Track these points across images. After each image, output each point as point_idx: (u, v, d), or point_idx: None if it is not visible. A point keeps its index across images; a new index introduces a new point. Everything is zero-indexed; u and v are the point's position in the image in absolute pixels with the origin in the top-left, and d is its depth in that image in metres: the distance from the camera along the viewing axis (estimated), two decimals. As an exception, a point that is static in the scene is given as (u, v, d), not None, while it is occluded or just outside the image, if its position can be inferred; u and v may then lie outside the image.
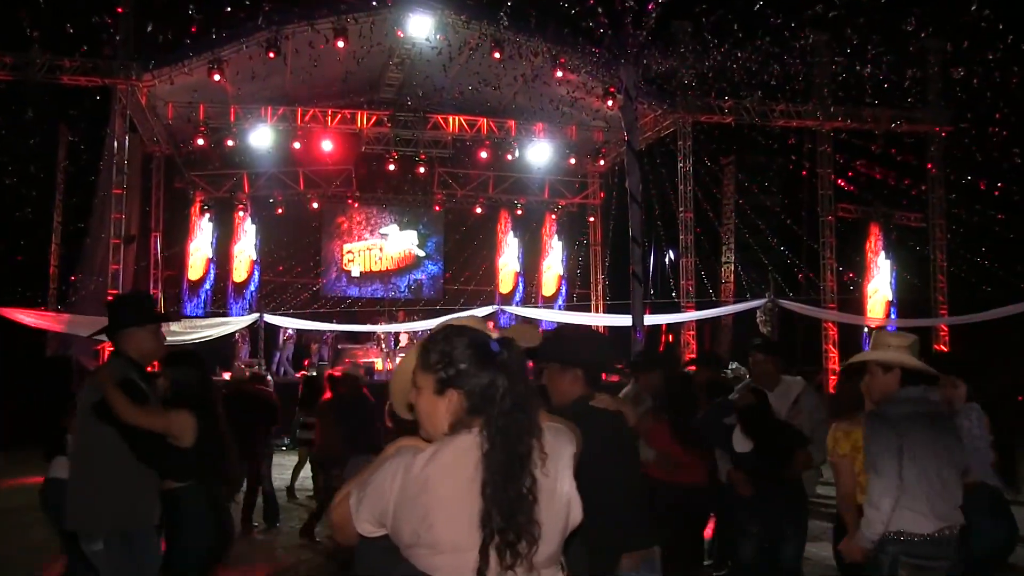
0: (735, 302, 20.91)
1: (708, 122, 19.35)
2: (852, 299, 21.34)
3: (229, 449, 4.51)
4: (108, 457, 3.71)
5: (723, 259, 22.89)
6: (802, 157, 20.23)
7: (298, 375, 17.36)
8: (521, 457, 1.84)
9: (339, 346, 19.93)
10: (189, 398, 4.03)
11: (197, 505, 4.14)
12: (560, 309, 23.55)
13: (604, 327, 22.97)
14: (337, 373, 8.72)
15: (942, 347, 19.20)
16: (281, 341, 19.37)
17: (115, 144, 16.44)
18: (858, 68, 16.17)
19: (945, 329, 19.71)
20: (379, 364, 18.97)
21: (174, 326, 16.96)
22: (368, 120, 20.32)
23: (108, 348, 16.11)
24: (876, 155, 19.75)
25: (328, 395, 8.55)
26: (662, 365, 6.32)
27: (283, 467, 11.79)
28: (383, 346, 19.45)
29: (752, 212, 20.76)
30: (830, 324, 19.49)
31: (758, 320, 18.15)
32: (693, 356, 21.72)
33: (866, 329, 20.78)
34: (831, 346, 19.39)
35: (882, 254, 22.55)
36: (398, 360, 19.03)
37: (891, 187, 20.80)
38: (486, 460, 1.82)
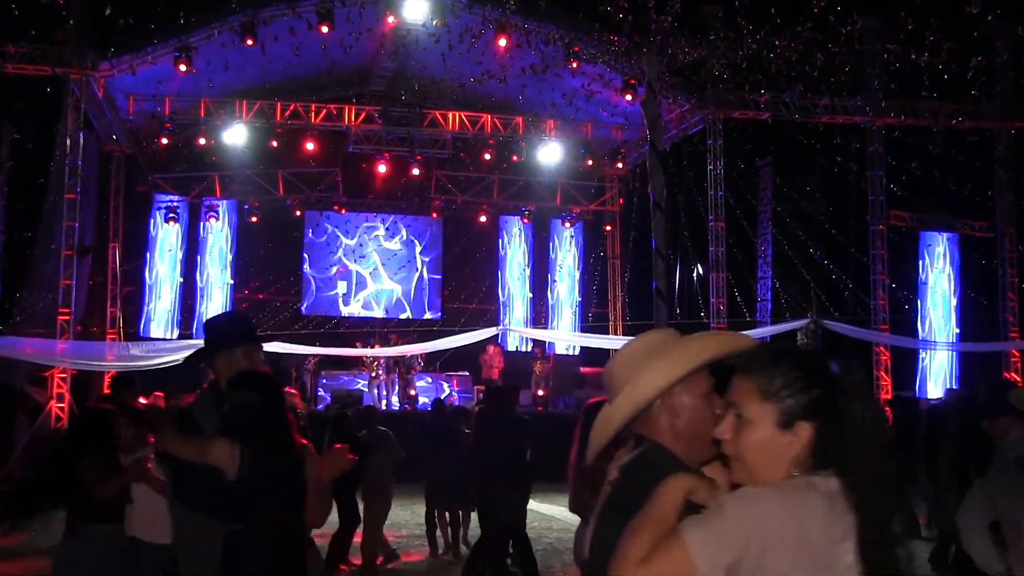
0: (772, 323, 20.80)
1: (742, 119, 19.29)
2: (906, 320, 21.22)
3: (310, 484, 4.39)
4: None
5: (759, 274, 22.81)
6: (849, 158, 20.17)
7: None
8: (891, 514, 1.78)
9: (323, 372, 19.89)
10: (246, 425, 3.97)
11: (250, 553, 4.02)
12: (574, 331, 23.48)
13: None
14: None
15: (1015, 375, 19.04)
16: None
17: (67, 142, 16.38)
18: (914, 57, 16.11)
19: (1017, 354, 19.55)
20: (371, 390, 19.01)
21: (133, 349, 16.92)
22: (356, 116, 20.33)
23: (58, 375, 16.14)
24: (934, 155, 19.67)
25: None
26: None
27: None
28: (377, 372, 19.43)
29: (792, 220, 20.68)
30: (882, 348, 19.33)
31: (798, 343, 18.04)
32: None
33: (922, 355, 20.65)
34: (883, 373, 19.23)
35: (941, 268, 22.42)
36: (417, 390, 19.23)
37: (952, 192, 20.67)
38: (859, 514, 1.75)
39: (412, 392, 19.41)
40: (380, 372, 19.48)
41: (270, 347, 18.55)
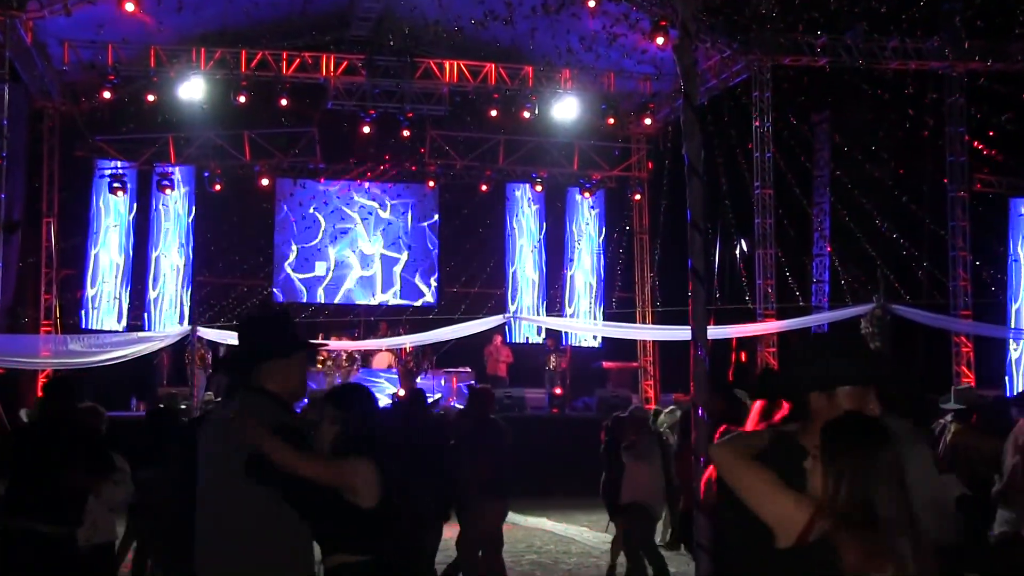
0: (831, 309, 20.78)
1: (794, 66, 19.20)
2: (993, 304, 21.16)
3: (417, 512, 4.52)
4: (264, 532, 3.80)
5: (814, 251, 22.76)
6: (924, 112, 20.08)
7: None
8: None
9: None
10: (365, 447, 4.04)
11: None
12: (594, 319, 23.50)
13: (653, 341, 22.98)
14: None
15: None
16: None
17: (-11, 99, 16.43)
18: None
19: None
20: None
21: (72, 344, 17.00)
22: (336, 66, 20.28)
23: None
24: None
25: None
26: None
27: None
28: (342, 366, 19.51)
29: (854, 187, 20.60)
30: (963, 338, 19.30)
31: (862, 331, 18.01)
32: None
33: (1012, 346, 20.60)
34: (964, 368, 19.19)
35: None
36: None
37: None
38: None
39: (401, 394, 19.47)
40: (345, 365, 19.57)
41: (234, 340, 18.64)
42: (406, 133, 21.41)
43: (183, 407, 15.97)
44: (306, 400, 17.26)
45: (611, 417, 10.63)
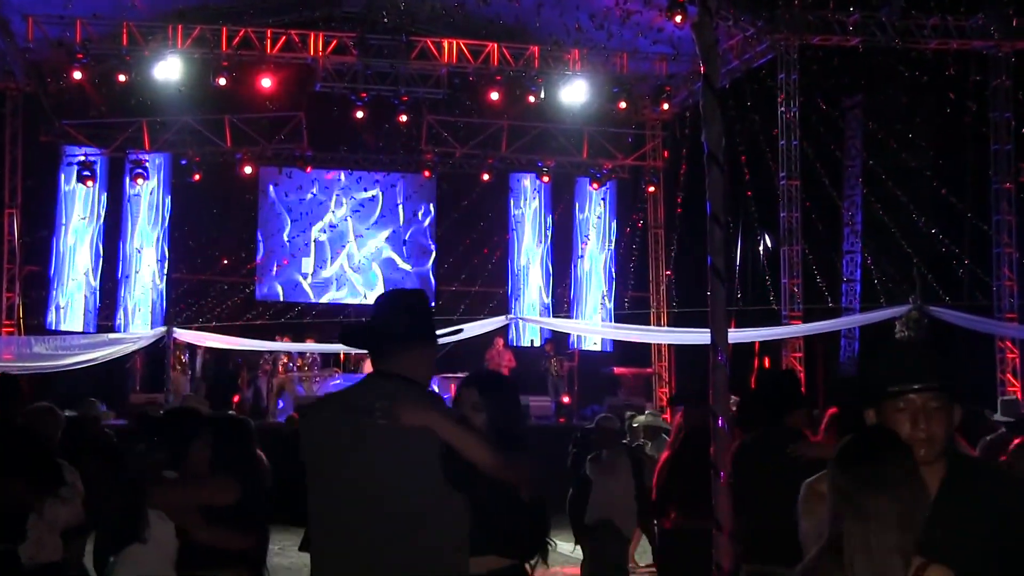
0: (862, 311, 20.76)
1: (823, 46, 19.16)
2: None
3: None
4: (426, 528, 3.74)
5: (844, 247, 22.74)
6: (966, 96, 20.04)
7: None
8: None
9: (286, 374, 19.94)
10: (512, 441, 4.08)
11: None
12: (605, 320, 23.49)
13: (668, 344, 22.96)
14: None
15: None
16: (198, 366, 19.42)
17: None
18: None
19: None
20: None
21: (37, 347, 17.00)
22: (325, 45, 20.28)
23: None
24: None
25: None
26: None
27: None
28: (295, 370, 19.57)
29: (889, 178, 20.58)
30: (1008, 343, 19.26)
31: (897, 335, 18.02)
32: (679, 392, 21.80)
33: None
34: (1010, 376, 19.16)
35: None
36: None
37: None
38: None
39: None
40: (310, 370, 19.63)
41: (213, 341, 18.70)
42: (401, 118, 21.41)
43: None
44: (292, 408, 17.26)
45: (582, 428, 10.55)
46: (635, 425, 12.00)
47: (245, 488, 5.19)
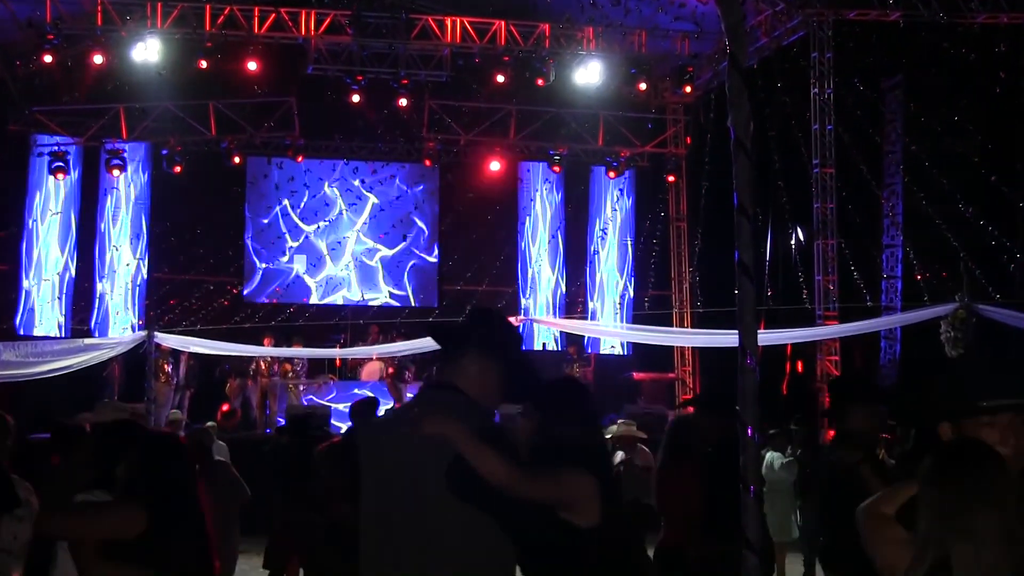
0: (904, 310, 20.71)
1: (860, 21, 19.14)
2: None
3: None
4: (464, 556, 3.82)
5: (884, 240, 22.69)
6: (1017, 75, 19.99)
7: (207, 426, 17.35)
8: None
9: (282, 380, 19.94)
10: (573, 455, 4.06)
11: None
12: (623, 322, 23.47)
13: (692, 348, 22.92)
14: None
15: None
16: (182, 373, 19.42)
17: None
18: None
19: None
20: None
21: (6, 354, 16.96)
22: (317, 24, 20.30)
23: None
24: None
25: None
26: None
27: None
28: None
29: (933, 165, 20.55)
30: (1062, 345, 19.24)
31: (942, 336, 17.98)
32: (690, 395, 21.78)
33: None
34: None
35: None
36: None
37: None
38: None
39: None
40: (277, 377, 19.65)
41: (198, 347, 18.71)
42: (401, 103, 21.42)
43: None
44: (281, 420, 17.29)
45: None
46: (607, 436, 12.04)
47: (162, 517, 4.74)
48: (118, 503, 4.92)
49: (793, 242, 22.21)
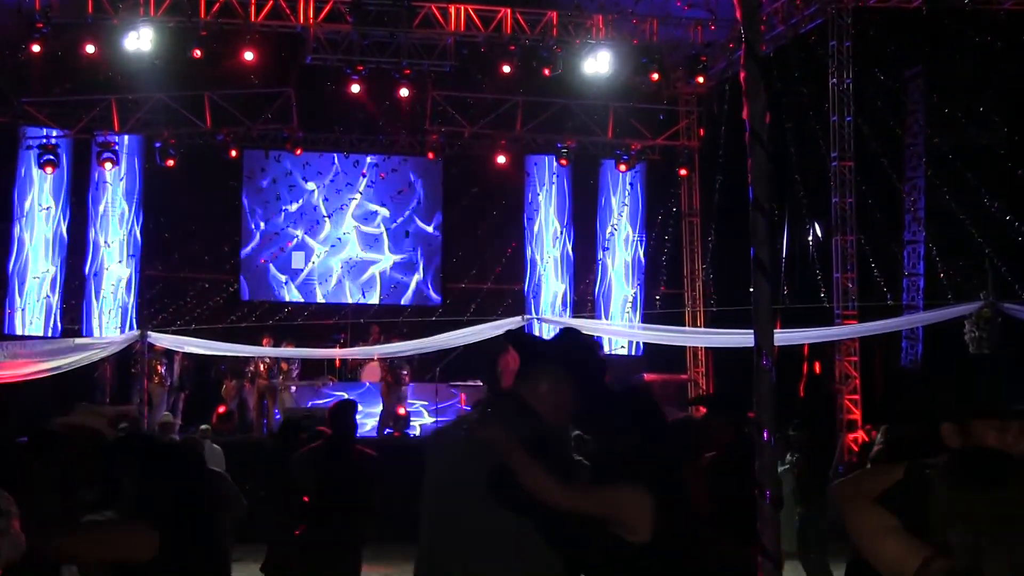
0: (926, 308, 20.68)
1: (881, 8, 19.11)
2: None
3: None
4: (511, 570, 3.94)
5: (906, 236, 22.66)
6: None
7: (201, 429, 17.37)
8: None
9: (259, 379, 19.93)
10: (632, 471, 4.09)
11: None
12: (633, 321, 23.45)
13: (705, 348, 22.90)
14: None
15: None
16: (176, 373, 19.44)
17: None
18: None
19: None
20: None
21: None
22: (316, 12, 20.30)
23: None
24: None
25: None
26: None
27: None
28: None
29: (956, 157, 20.52)
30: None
31: (966, 336, 17.97)
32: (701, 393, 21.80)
33: None
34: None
35: None
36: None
37: None
38: None
39: (402, 411, 19.48)
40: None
41: (193, 347, 18.73)
42: (403, 94, 21.40)
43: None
44: (278, 415, 17.26)
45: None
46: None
47: (177, 539, 4.36)
48: (128, 523, 4.49)
49: (810, 238, 22.16)
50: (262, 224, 23.57)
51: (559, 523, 3.86)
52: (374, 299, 23.63)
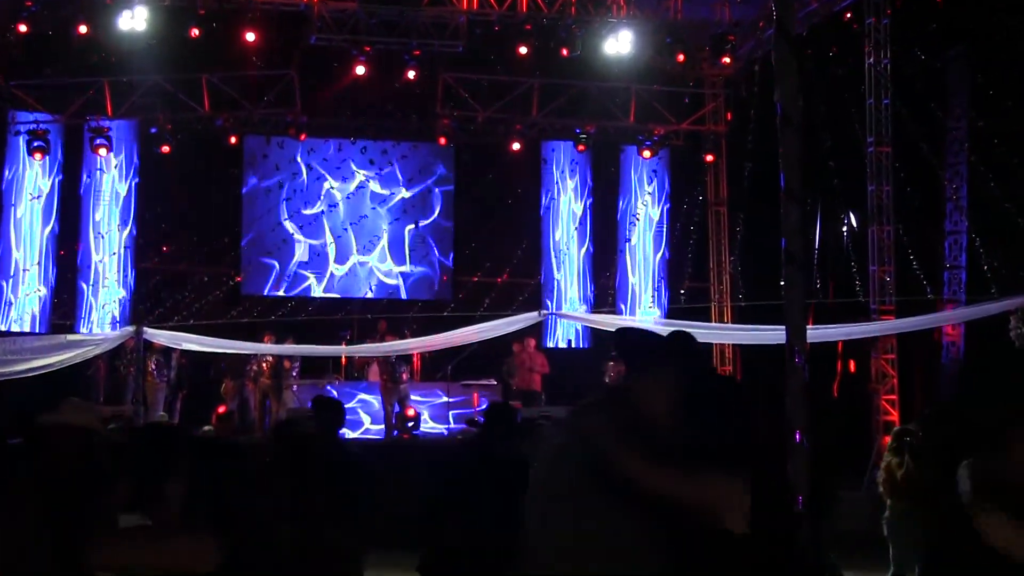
0: (968, 303, 20.62)
1: (919, -15, 19.10)
2: None
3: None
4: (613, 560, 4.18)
5: (947, 227, 22.59)
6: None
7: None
8: None
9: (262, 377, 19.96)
10: (725, 460, 4.22)
11: None
12: (657, 315, 23.42)
13: (733, 345, 22.86)
14: None
15: None
16: (174, 371, 19.49)
17: None
18: None
19: None
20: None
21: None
22: (320, -11, 20.39)
23: None
24: None
25: None
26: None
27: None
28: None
29: (1001, 143, 20.46)
30: None
31: (1011, 333, 17.92)
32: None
33: None
34: None
35: None
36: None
37: None
38: None
39: (411, 412, 19.48)
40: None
41: (192, 343, 18.76)
42: (412, 76, 21.41)
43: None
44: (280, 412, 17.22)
45: None
46: None
47: (239, 550, 4.06)
48: (183, 531, 4.14)
49: (845, 228, 22.13)
50: (264, 214, 23.54)
51: (662, 513, 4.04)
52: (382, 293, 23.63)
